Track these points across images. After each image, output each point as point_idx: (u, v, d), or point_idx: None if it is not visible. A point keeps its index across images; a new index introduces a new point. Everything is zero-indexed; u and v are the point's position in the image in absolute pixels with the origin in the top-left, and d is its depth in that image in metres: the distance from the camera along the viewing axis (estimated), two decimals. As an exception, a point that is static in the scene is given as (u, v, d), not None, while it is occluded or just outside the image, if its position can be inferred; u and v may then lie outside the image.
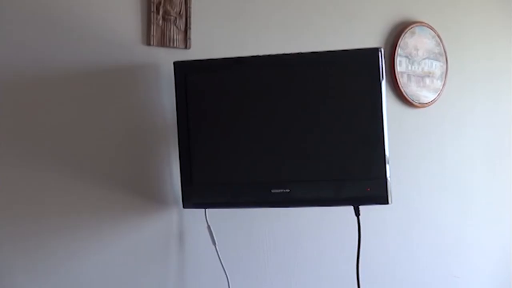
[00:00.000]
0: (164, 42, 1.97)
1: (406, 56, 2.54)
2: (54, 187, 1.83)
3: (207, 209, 2.01)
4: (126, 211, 1.96)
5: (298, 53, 1.95)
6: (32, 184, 1.79)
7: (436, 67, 2.62)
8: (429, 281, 2.66)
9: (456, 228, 2.75)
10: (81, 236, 1.88)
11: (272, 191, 1.89)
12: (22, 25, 1.82)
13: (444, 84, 2.61)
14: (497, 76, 2.89)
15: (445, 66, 2.62)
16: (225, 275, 2.01)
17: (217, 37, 2.11)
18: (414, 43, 2.55)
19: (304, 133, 1.92)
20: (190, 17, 2.00)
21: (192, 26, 2.01)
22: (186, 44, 2.00)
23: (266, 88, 1.96)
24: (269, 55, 1.96)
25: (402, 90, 2.48)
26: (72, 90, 1.85)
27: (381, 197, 1.82)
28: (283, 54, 1.95)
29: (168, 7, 1.97)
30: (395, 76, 2.46)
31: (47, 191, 1.82)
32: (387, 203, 1.82)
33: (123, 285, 1.93)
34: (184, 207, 1.94)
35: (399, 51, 2.49)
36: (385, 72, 2.27)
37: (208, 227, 1.99)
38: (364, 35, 2.47)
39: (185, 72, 1.92)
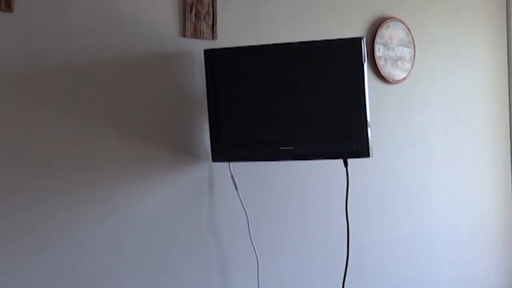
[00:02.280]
0: (196, 34, 2.14)
1: (383, 44, 2.66)
2: (114, 147, 2.04)
3: (231, 162, 2.19)
4: (169, 165, 2.14)
5: (299, 42, 2.13)
6: (98, 144, 2.01)
7: (406, 52, 2.75)
8: (399, 213, 2.82)
9: (422, 175, 2.92)
10: (136, 185, 2.08)
11: (281, 148, 2.09)
12: (97, 22, 2.02)
13: (412, 66, 2.75)
14: (454, 59, 3.05)
15: (413, 52, 2.75)
16: (244, 213, 2.21)
17: (237, 30, 2.28)
18: (389, 34, 2.68)
19: (305, 104, 2.08)
20: (216, 15, 2.16)
21: (217, 22, 2.18)
22: (213, 36, 2.16)
23: (274, 69, 2.11)
24: (276, 44, 2.13)
25: (380, 71, 2.62)
26: (128, 71, 2.06)
27: (364, 152, 2.02)
28: (287, 42, 2.13)
29: (199, 7, 2.13)
30: (375, 60, 2.61)
31: (110, 150, 2.04)
32: (369, 156, 2.03)
33: (168, 219, 2.14)
34: (213, 161, 2.13)
35: (377, 40, 2.62)
36: (367, 56, 2.46)
37: (232, 176, 2.18)
38: (351, 28, 2.63)
39: (212, 57, 2.10)
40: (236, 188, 2.19)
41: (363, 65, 2.01)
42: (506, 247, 3.26)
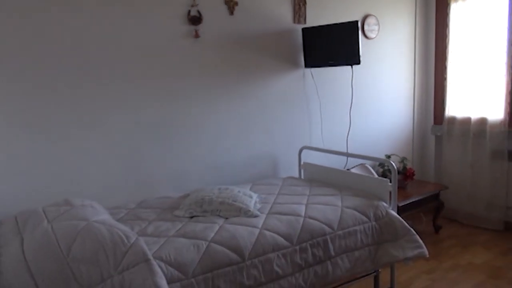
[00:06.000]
0: (299, 22, 3.77)
1: (367, 24, 4.27)
2: (265, 64, 3.60)
3: (311, 68, 3.91)
4: (287, 69, 3.76)
5: (333, 23, 3.62)
6: (258, 62, 3.58)
7: (376, 27, 4.35)
8: (371, 85, 4.28)
9: (380, 71, 4.40)
10: (273, 77, 3.64)
11: (329, 62, 3.70)
12: (261, 18, 3.54)
13: (378, 32, 4.37)
14: (394, 28, 4.48)
15: (378, 27, 4.36)
16: (315, 86, 3.98)
17: (313, 19, 3.86)
18: (370, 20, 4.27)
19: (337, 46, 3.59)
20: (306, 14, 3.85)
21: (306, 17, 3.86)
22: (305, 22, 3.83)
23: (325, 34, 3.64)
24: (326, 24, 3.64)
25: (366, 34, 4.27)
26: (272, 36, 3.60)
27: (357, 61, 3.53)
28: (330, 24, 3.63)
29: (299, 12, 3.78)
30: (364, 30, 4.24)
31: (261, 64, 3.56)
32: (359, 63, 3.55)
33: (286, 91, 3.72)
34: (305, 67, 3.86)
35: (365, 22, 4.25)
36: (360, 28, 4.17)
37: (311, 73, 3.95)
38: (355, 17, 4.18)
39: (305, 31, 3.70)
40: (313, 77, 3.94)
41: (358, 32, 3.46)
42: (409, 99, 4.82)
